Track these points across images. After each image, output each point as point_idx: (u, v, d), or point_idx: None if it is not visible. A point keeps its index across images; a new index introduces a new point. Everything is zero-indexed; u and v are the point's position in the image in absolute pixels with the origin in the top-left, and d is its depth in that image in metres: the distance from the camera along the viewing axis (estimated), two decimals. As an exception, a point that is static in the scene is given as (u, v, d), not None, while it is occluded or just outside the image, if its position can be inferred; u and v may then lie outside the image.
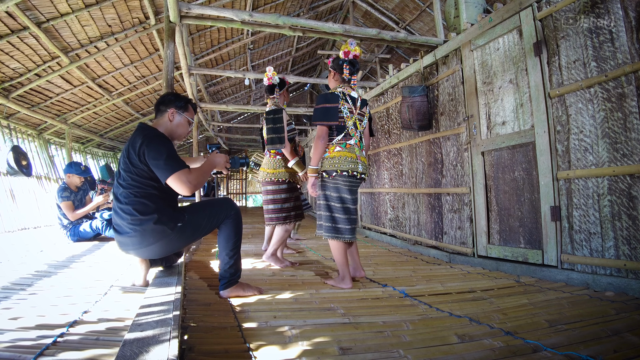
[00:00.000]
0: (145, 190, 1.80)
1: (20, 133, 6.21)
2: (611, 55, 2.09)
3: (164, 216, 1.82)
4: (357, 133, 2.36)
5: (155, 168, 1.75)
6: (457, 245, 3.23)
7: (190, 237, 1.94)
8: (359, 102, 2.39)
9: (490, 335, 1.46)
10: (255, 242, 4.31)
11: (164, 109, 1.96)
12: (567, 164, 2.33)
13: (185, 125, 2.00)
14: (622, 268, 2.02)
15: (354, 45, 2.38)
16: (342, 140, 2.31)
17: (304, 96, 13.39)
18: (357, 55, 2.40)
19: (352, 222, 2.35)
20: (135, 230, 1.80)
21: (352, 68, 2.38)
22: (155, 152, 1.74)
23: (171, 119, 1.95)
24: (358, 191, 2.38)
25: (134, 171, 1.79)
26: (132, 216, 1.79)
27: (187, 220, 1.89)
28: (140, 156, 1.75)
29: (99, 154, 9.82)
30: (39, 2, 3.87)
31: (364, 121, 2.42)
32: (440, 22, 3.85)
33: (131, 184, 1.79)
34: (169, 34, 3.36)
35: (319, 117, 2.27)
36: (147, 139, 1.78)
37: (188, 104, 2.02)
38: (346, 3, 7.72)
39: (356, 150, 2.33)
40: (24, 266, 2.65)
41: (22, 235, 4.87)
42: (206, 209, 1.97)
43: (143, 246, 1.84)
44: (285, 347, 1.35)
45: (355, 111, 2.35)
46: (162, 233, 1.82)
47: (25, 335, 1.36)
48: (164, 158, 1.73)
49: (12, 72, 4.81)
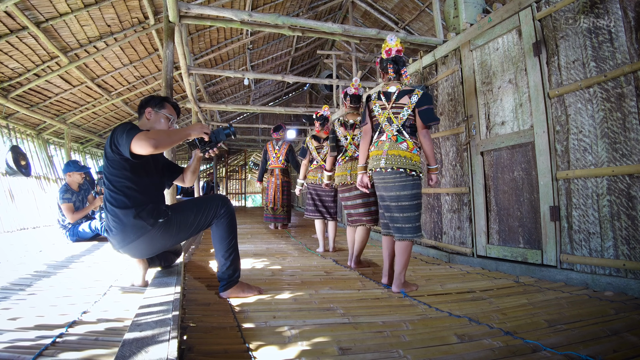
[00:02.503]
0: (122, 183, 1.80)
1: (19, 133, 6.20)
2: (610, 55, 2.09)
3: (143, 211, 1.81)
4: (392, 127, 2.26)
5: (120, 147, 1.71)
6: (456, 245, 3.23)
7: (177, 234, 1.91)
8: (394, 95, 2.28)
9: (490, 335, 1.46)
10: (255, 242, 4.31)
11: (142, 111, 1.98)
12: (567, 164, 2.33)
13: (163, 122, 1.98)
14: (622, 268, 2.03)
15: (393, 40, 2.29)
16: (376, 138, 2.35)
17: (303, 96, 13.38)
18: (400, 50, 2.30)
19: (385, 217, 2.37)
20: (117, 227, 1.81)
21: (396, 66, 2.31)
22: (119, 132, 1.72)
23: (148, 118, 1.96)
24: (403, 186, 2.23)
25: (109, 164, 1.80)
26: (113, 213, 1.81)
27: (171, 216, 1.87)
28: (112, 146, 1.75)
29: (98, 154, 9.80)
30: (38, 2, 3.86)
31: (402, 112, 2.26)
32: (440, 22, 3.85)
33: (109, 179, 1.81)
34: (168, 34, 3.36)
35: (361, 121, 2.55)
36: (115, 129, 1.77)
37: (164, 101, 2.02)
38: (345, 3, 7.72)
39: (386, 145, 2.25)
40: (23, 266, 2.64)
41: (21, 235, 4.86)
42: (194, 205, 1.94)
43: (126, 243, 1.84)
44: (285, 347, 1.35)
45: (388, 106, 2.28)
46: (142, 229, 1.81)
47: (24, 335, 1.36)
48: (125, 132, 1.70)
49: (11, 72, 4.80)
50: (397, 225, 2.24)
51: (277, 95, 13.12)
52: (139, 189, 1.83)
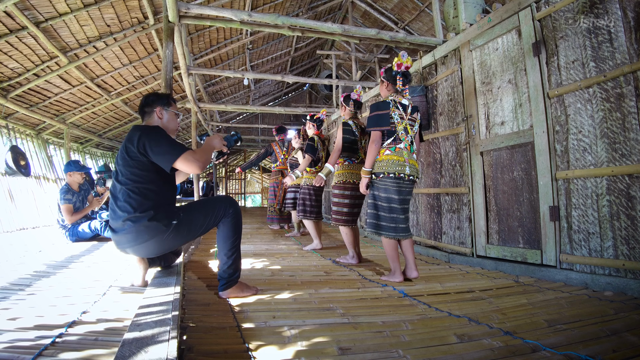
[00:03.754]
0: (143, 186, 1.83)
1: (19, 133, 6.19)
2: (610, 55, 2.10)
3: (160, 213, 1.84)
4: (407, 138, 2.47)
5: (158, 156, 1.79)
6: (456, 245, 3.23)
7: (187, 235, 1.93)
8: (409, 108, 2.51)
9: (489, 335, 1.46)
10: (255, 242, 4.31)
11: (150, 110, 2.01)
12: (566, 164, 2.33)
13: (174, 120, 2.07)
14: (621, 268, 2.03)
15: (405, 57, 2.48)
16: (391, 144, 2.45)
17: (302, 96, 13.39)
18: (408, 67, 2.50)
19: (396, 221, 2.44)
20: (131, 227, 1.81)
21: (405, 80, 2.51)
22: (155, 141, 1.80)
23: (160, 117, 2.01)
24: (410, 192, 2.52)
25: (133, 164, 1.82)
26: (128, 213, 1.81)
27: (183, 218, 1.89)
28: (139, 148, 1.79)
29: (98, 153, 9.80)
30: (37, 2, 3.85)
31: (415, 126, 2.53)
32: (439, 22, 3.86)
33: (130, 179, 1.82)
34: (168, 34, 3.36)
35: (372, 124, 2.45)
36: (145, 132, 1.82)
37: (169, 99, 2.07)
38: (345, 3, 7.73)
39: (405, 153, 2.45)
40: (22, 266, 2.64)
41: (20, 235, 4.86)
42: (203, 207, 1.97)
43: (138, 243, 1.85)
44: (284, 347, 1.35)
45: (405, 117, 2.47)
46: (156, 230, 1.83)
47: (23, 335, 1.36)
48: (166, 144, 1.80)
49: (11, 72, 4.80)
50: (407, 224, 2.49)
51: (277, 95, 13.13)
52: (157, 190, 1.87)
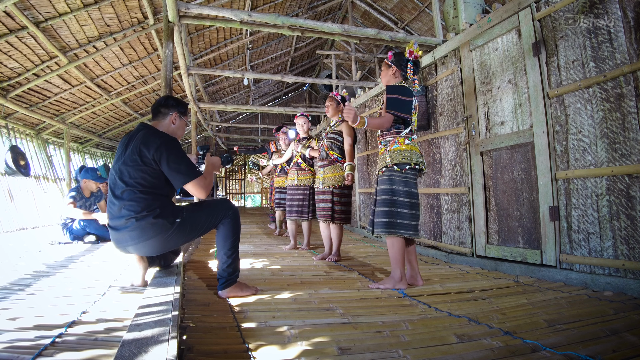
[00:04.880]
0: (151, 190, 1.88)
1: (19, 133, 6.18)
2: (610, 55, 2.10)
3: (165, 211, 1.88)
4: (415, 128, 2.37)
5: (173, 172, 1.87)
6: (455, 245, 3.23)
7: (188, 234, 1.98)
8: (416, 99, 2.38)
9: (489, 335, 1.46)
10: (255, 242, 4.31)
11: (166, 112, 2.06)
12: (566, 164, 2.33)
13: (184, 128, 2.17)
14: (621, 268, 2.03)
15: (417, 46, 2.40)
16: (409, 134, 2.30)
17: (302, 96, 13.38)
18: (417, 56, 2.38)
19: (416, 218, 2.29)
20: (135, 224, 1.83)
21: (416, 68, 2.38)
22: (175, 156, 1.88)
23: (174, 122, 2.08)
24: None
25: (145, 170, 1.86)
26: (134, 212, 1.82)
27: (186, 216, 1.94)
28: (155, 156, 1.84)
29: (98, 153, 9.79)
30: (37, 2, 3.85)
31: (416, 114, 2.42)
32: (439, 22, 3.85)
33: (139, 183, 1.85)
34: (168, 34, 3.36)
35: (395, 107, 2.19)
36: (166, 143, 1.88)
37: (186, 109, 2.18)
38: (345, 3, 7.72)
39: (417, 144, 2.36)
40: (22, 266, 2.64)
41: (20, 235, 4.86)
42: (205, 208, 2.03)
43: (141, 240, 1.86)
44: (284, 347, 1.35)
45: (416, 109, 2.37)
46: (161, 227, 1.86)
47: (23, 335, 1.36)
48: (185, 165, 1.90)
49: (10, 72, 4.79)
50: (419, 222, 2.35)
51: (277, 95, 13.12)
52: (164, 192, 1.94)
